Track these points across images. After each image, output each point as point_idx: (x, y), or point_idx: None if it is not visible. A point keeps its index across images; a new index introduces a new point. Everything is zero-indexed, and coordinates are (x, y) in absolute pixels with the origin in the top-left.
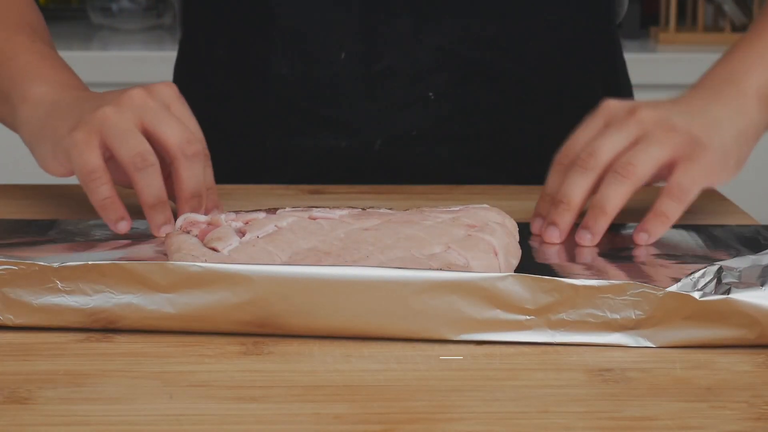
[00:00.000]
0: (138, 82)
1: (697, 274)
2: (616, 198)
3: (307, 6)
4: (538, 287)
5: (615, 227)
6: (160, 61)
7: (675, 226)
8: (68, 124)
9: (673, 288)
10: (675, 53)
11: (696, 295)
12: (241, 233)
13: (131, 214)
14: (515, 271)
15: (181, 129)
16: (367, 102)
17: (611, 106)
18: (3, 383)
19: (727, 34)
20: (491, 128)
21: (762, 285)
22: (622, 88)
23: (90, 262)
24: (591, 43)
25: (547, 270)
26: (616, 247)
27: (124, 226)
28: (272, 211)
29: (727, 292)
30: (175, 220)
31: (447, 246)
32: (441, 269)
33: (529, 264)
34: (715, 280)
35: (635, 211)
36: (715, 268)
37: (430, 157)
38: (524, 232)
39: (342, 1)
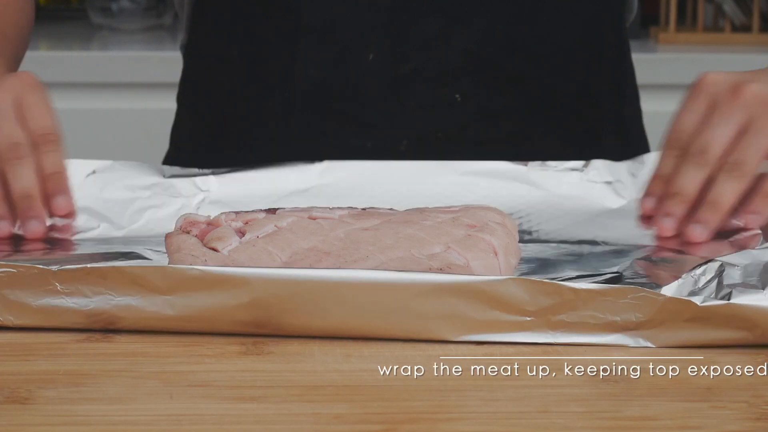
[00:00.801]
0: (138, 82)
1: (698, 271)
2: (730, 194)
3: (335, 7)
4: (539, 290)
5: None
6: (160, 61)
7: None
8: None
9: (674, 285)
10: (675, 53)
11: (697, 300)
12: (241, 233)
13: None
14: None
15: (8, 133)
16: (394, 103)
17: (711, 81)
18: (3, 383)
19: (727, 34)
20: (517, 130)
21: (763, 287)
22: (630, 90)
23: (89, 265)
24: (607, 46)
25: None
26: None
27: (3, 227)
28: (272, 211)
29: (728, 296)
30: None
31: (447, 246)
32: (441, 269)
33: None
34: (716, 280)
35: None
36: (716, 265)
37: (456, 158)
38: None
39: (369, 3)
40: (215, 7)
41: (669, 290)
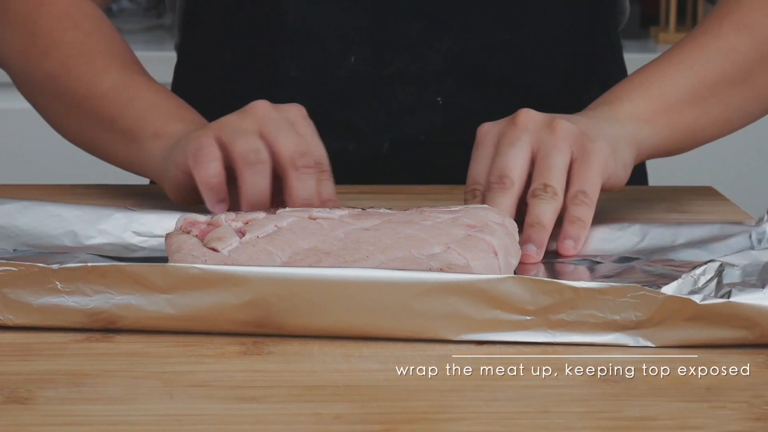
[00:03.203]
0: None
1: (697, 271)
2: (547, 213)
3: (317, 10)
4: (539, 289)
5: None
6: (160, 61)
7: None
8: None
9: (674, 285)
10: None
11: (696, 298)
12: (241, 233)
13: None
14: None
15: (297, 142)
16: (376, 106)
17: (486, 127)
18: (3, 383)
19: None
20: None
21: (762, 287)
22: None
23: (90, 264)
24: (595, 50)
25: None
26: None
27: (221, 208)
28: (272, 211)
29: (728, 294)
30: None
31: (447, 246)
32: (441, 269)
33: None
34: (715, 280)
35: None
36: (716, 265)
37: (438, 161)
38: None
39: (352, 5)
40: (205, 8)
41: (669, 289)
